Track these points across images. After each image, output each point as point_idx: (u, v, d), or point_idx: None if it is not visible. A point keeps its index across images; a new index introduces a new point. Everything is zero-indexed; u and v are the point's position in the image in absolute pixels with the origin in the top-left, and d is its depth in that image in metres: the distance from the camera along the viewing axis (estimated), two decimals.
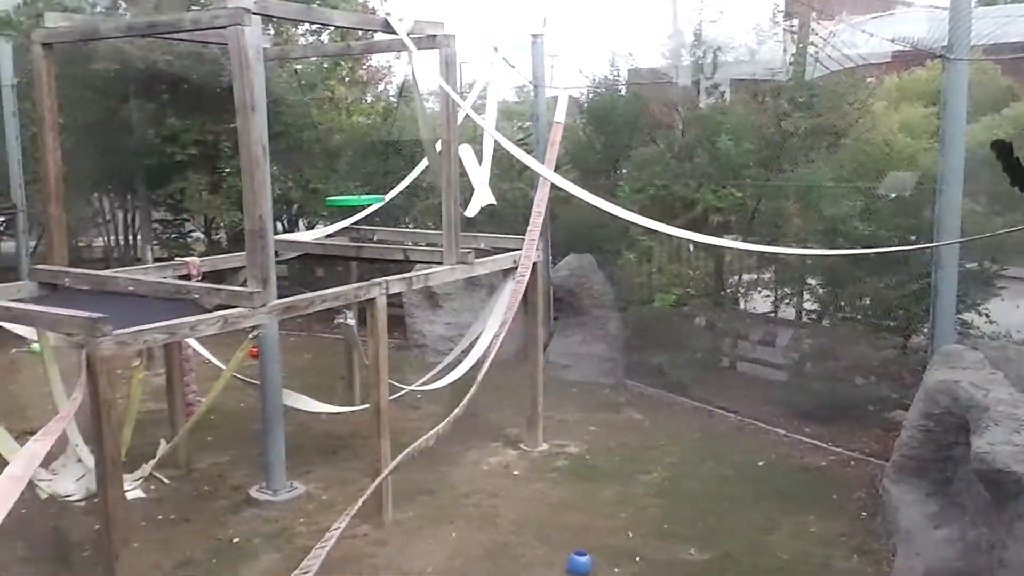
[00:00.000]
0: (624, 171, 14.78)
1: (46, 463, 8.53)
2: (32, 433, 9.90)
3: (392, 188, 12.90)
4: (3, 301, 7.52)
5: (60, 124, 9.85)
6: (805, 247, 11.49)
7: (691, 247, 13.25)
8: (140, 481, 8.55)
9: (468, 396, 8.31)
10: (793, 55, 12.64)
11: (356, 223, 12.36)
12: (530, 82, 14.43)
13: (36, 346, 9.44)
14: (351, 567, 7.50)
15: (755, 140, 12.30)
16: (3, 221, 17.99)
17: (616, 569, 7.56)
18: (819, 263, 11.14)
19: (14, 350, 14.47)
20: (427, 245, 11.00)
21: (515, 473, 9.70)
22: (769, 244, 11.44)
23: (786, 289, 12.86)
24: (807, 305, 12.58)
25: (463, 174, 10.37)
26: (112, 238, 19.47)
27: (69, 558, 7.75)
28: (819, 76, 12.21)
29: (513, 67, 13.46)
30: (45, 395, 9.57)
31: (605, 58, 15.36)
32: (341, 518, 6.98)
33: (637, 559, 7.73)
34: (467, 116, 10.13)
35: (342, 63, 18.15)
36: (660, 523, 8.42)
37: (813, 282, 12.16)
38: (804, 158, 11.84)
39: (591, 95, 15.25)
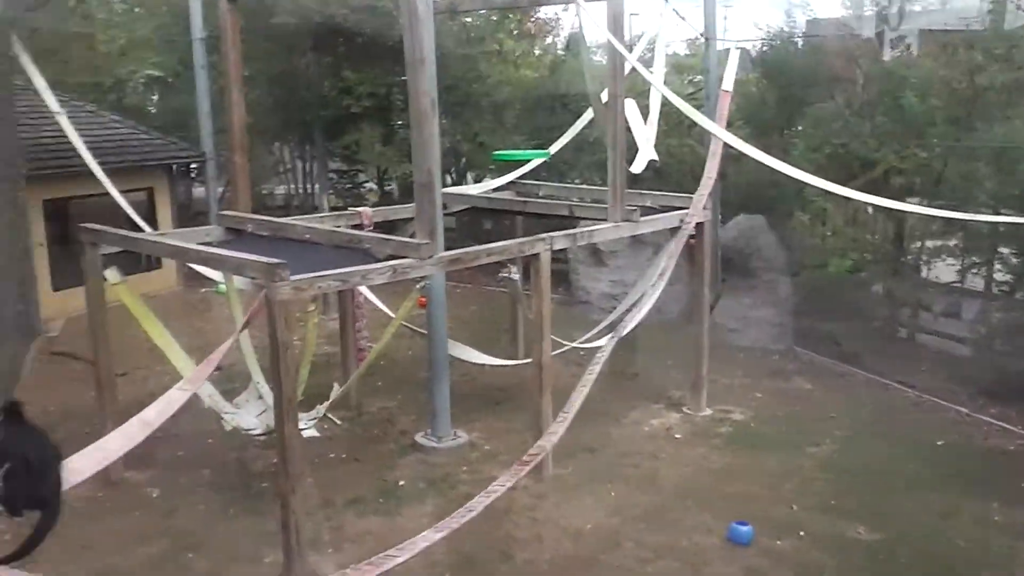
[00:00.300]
0: (799, 128, 14.21)
1: (230, 398, 9.09)
2: (218, 369, 10.59)
3: (557, 142, 12.86)
4: (193, 244, 7.96)
5: (245, 77, 10.29)
6: (998, 214, 10.71)
7: (869, 210, 12.61)
8: (315, 421, 8.95)
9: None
10: (991, 2, 11.70)
11: (522, 177, 12.41)
12: (701, 35, 13.97)
13: (223, 287, 10.00)
14: (510, 518, 7.62)
15: (944, 96, 11.52)
16: (195, 168, 19.07)
17: (778, 542, 7.36)
18: (1014, 231, 10.37)
19: (203, 290, 15.44)
20: (593, 201, 10.91)
21: (677, 436, 9.58)
22: (956, 209, 10.71)
23: (974, 258, 12.06)
24: (998, 276, 11.77)
25: (630, 130, 10.21)
26: (292, 186, 20.34)
27: (249, 487, 8.22)
28: (1021, 26, 11.29)
29: (683, 19, 13.06)
30: (229, 333, 10.14)
31: (781, 8, 14.74)
32: (512, 471, 7.00)
33: (801, 533, 7.50)
34: (634, 69, 9.93)
35: (510, 16, 18.15)
36: (827, 498, 8.13)
37: (1006, 251, 11.34)
38: (1000, 116, 10.99)
39: (765, 48, 14.67)
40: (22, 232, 11.78)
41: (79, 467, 5.26)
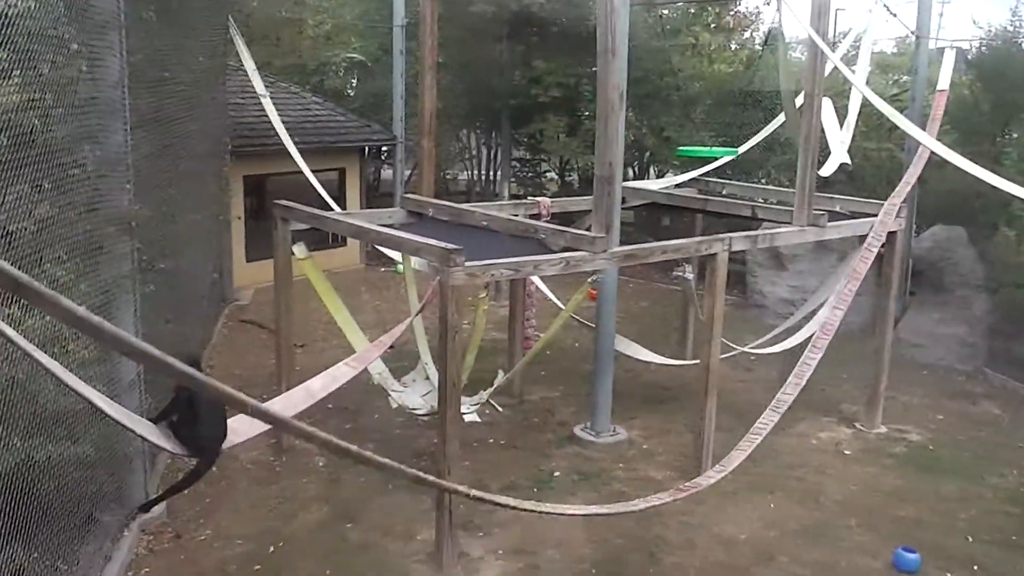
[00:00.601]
0: (1014, 136, 13.15)
1: (398, 376, 9.37)
2: (390, 347, 10.93)
3: (747, 140, 12.47)
4: (374, 225, 8.23)
5: (438, 63, 10.52)
6: None
7: None
8: (477, 406, 9.09)
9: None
10: None
11: (706, 175, 12.12)
12: (912, 32, 13.14)
13: (401, 267, 10.32)
14: (661, 519, 7.47)
15: None
16: (385, 151, 19.78)
17: (948, 574, 6.86)
18: None
19: (383, 269, 16.01)
20: (778, 203, 10.53)
21: (846, 452, 9.11)
22: None
23: None
24: None
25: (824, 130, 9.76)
26: (475, 173, 20.74)
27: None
28: None
29: (894, 15, 12.34)
30: (404, 312, 10.46)
31: (1006, 5, 13.65)
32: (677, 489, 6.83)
33: (975, 567, 6.97)
34: (835, 68, 9.47)
35: (709, 8, 17.75)
36: (1008, 533, 7.50)
37: None
38: None
39: (983, 48, 13.63)
40: (223, 205, 12.56)
41: (239, 428, 5.54)
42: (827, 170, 10.14)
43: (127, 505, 6.77)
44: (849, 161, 10.42)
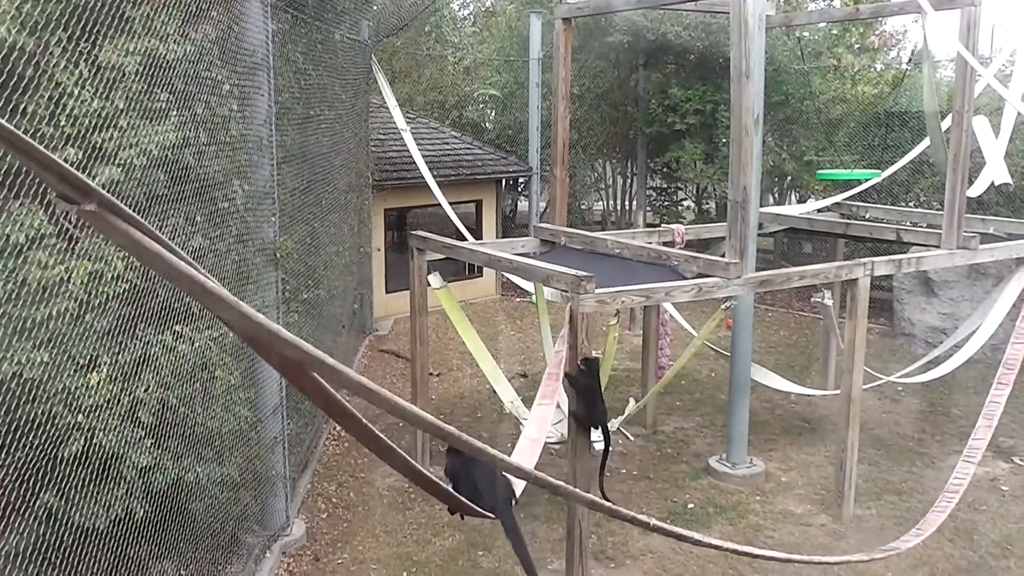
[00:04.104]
0: None
1: (530, 404, 9.41)
2: (523, 376, 11.02)
3: (892, 163, 12.02)
4: (506, 254, 8.34)
5: (573, 94, 10.63)
6: None
7: None
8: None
9: None
10: None
11: (849, 199, 11.74)
12: None
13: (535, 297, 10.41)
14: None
15: None
16: (522, 183, 20.05)
17: None
18: None
19: (518, 299, 16.17)
20: (927, 226, 10.08)
21: (1003, 489, 8.56)
22: None
23: None
24: None
25: (977, 150, 9.30)
26: (611, 202, 20.73)
27: (541, 493, 8.42)
28: None
29: None
30: (537, 342, 10.53)
31: None
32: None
33: None
34: (988, 86, 9.03)
35: (852, 28, 17.24)
36: None
37: None
38: None
39: None
40: (364, 237, 13.00)
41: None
42: (976, 190, 9.66)
43: (269, 527, 7.05)
44: (1011, 180, 9.89)
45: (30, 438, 3.94)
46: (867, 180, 11.93)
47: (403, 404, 2.49)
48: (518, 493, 5.49)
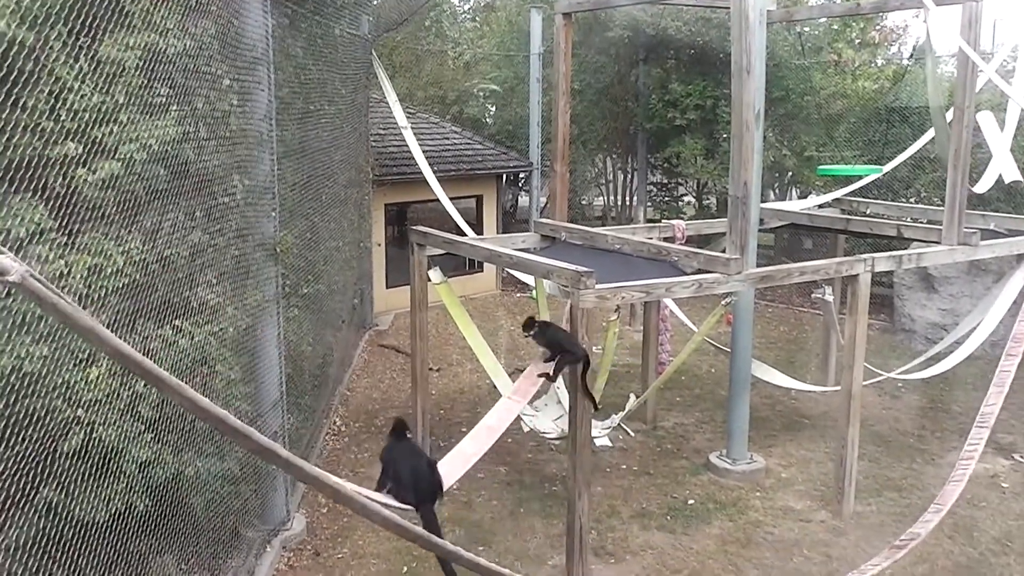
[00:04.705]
0: None
1: (532, 400, 9.42)
2: (522, 371, 11.00)
3: (893, 158, 12.00)
4: (506, 249, 8.34)
5: (573, 89, 10.61)
6: None
7: None
8: (608, 430, 9.02)
9: None
10: None
11: (850, 194, 11.73)
12: None
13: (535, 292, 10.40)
14: (802, 551, 7.21)
15: None
16: (522, 177, 20.05)
17: None
18: None
19: (518, 294, 16.17)
20: (927, 222, 10.07)
21: (1003, 486, 8.56)
22: None
23: None
24: None
25: (978, 146, 9.29)
26: (611, 198, 20.73)
27: (541, 488, 8.46)
28: None
29: None
30: None
31: None
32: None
33: None
34: (989, 81, 9.03)
35: (853, 24, 17.21)
36: None
37: None
38: None
39: None
40: (364, 233, 12.99)
41: (448, 471, 6.09)
42: (984, 185, 9.66)
43: (269, 521, 7.06)
44: (1021, 178, 9.88)
45: (30, 432, 3.93)
46: (868, 176, 11.91)
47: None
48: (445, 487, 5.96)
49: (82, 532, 4.33)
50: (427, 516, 5.57)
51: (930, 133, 10.75)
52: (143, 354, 4.70)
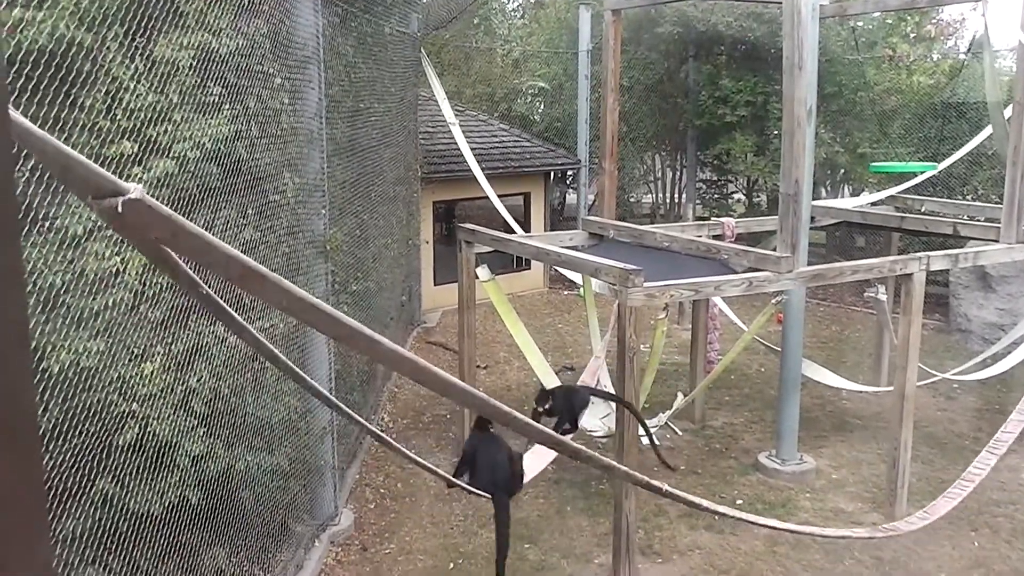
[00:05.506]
0: None
1: None
2: (570, 369, 10.97)
3: (949, 155, 11.77)
4: (554, 247, 8.32)
5: (622, 86, 10.57)
6: None
7: None
8: (656, 429, 8.95)
9: None
10: None
11: (904, 192, 11.52)
12: None
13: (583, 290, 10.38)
14: (856, 555, 7.10)
15: None
16: (570, 175, 20.01)
17: None
18: None
19: (566, 292, 16.14)
20: (985, 220, 9.85)
21: None
22: None
23: None
24: None
25: None
26: (660, 195, 20.60)
27: (588, 487, 8.44)
28: None
29: None
30: (586, 335, 10.50)
31: None
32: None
33: None
34: None
35: (907, 18, 16.91)
36: None
37: None
38: None
39: None
40: (412, 230, 13.06)
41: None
42: None
43: (318, 516, 7.13)
44: None
45: (86, 426, 4.02)
46: (922, 173, 11.70)
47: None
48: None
49: (136, 523, 4.42)
50: (500, 504, 5.66)
51: (988, 129, 10.52)
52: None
